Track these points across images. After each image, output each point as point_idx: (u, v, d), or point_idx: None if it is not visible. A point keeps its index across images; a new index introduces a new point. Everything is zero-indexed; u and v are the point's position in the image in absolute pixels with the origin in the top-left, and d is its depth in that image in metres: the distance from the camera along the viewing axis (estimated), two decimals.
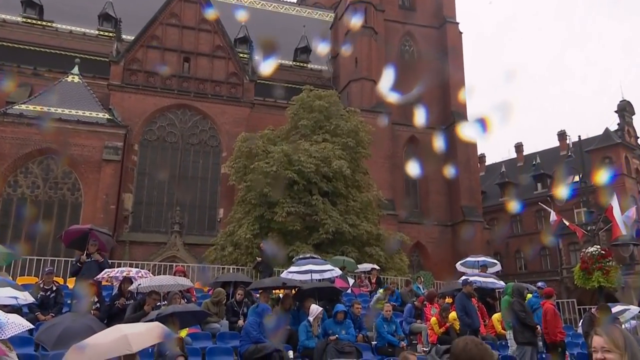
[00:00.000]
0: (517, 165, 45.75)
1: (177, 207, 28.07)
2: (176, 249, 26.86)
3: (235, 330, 9.46)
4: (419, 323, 11.39)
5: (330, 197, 20.08)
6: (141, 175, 28.93)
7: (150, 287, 8.42)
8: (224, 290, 10.12)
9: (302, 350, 8.76)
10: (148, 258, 25.66)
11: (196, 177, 29.65)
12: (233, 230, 20.40)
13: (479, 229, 33.69)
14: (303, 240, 18.84)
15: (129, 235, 27.22)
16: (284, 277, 11.19)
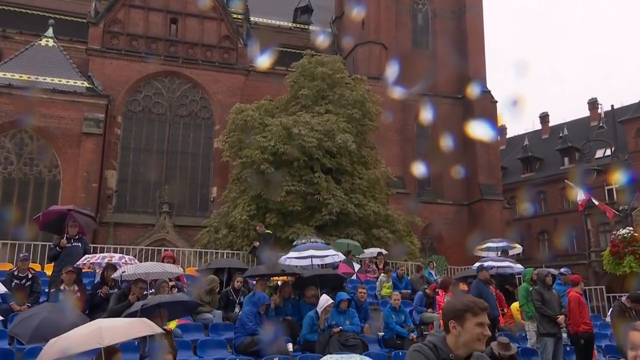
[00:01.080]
0: (541, 137, 45.50)
1: (166, 185, 28.16)
2: (165, 231, 27.06)
3: (229, 321, 9.54)
4: (431, 312, 11.46)
5: (334, 175, 20.02)
6: (125, 150, 28.94)
7: (136, 275, 8.46)
8: (217, 278, 10.17)
9: (302, 343, 8.83)
10: (135, 241, 25.92)
11: (186, 152, 29.65)
12: (227, 211, 20.45)
13: (498, 209, 33.72)
14: (304, 222, 18.89)
15: (114, 216, 27.38)
16: (282, 264, 11.24)
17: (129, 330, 4.51)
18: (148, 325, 4.69)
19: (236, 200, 20.17)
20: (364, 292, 10.06)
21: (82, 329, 4.55)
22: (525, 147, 43.50)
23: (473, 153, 33.69)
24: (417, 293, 12.25)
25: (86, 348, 4.23)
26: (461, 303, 2.61)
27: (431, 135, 34.61)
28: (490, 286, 10.81)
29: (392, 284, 13.24)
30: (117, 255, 9.89)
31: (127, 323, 4.65)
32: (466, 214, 33.73)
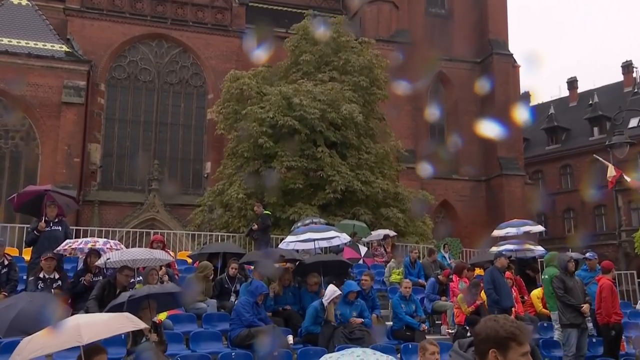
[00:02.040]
0: (569, 105, 45.14)
1: (155, 160, 28.21)
2: (155, 210, 27.23)
3: (224, 311, 9.62)
4: (444, 300, 11.55)
5: (339, 149, 19.97)
6: (110, 121, 28.92)
7: (122, 262, 8.49)
8: (211, 264, 10.22)
9: (304, 335, 8.91)
10: (122, 221, 26.13)
11: (177, 123, 29.63)
12: (222, 189, 20.50)
13: (519, 185, 33.67)
14: (306, 201, 18.93)
15: (98, 194, 27.52)
16: (282, 249, 11.27)
17: (110, 327, 4.53)
18: (131, 321, 4.70)
19: (232, 177, 20.19)
20: (368, 280, 10.09)
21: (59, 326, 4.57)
22: (550, 116, 43.20)
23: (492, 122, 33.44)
24: (429, 279, 12.34)
25: (64, 347, 4.25)
26: (505, 330, 2.49)
27: (446, 104, 34.34)
28: (507, 272, 10.80)
29: (404, 270, 13.29)
30: (101, 240, 9.93)
31: (108, 319, 4.67)
32: (484, 190, 33.70)
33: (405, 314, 9.72)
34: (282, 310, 9.64)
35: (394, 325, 9.90)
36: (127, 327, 4.85)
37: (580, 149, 39.96)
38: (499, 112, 33.06)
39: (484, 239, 22.69)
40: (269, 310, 9.48)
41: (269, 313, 9.45)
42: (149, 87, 29.55)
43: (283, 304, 9.77)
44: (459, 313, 10.75)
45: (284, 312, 9.61)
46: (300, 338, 8.94)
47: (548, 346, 9.85)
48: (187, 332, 8.67)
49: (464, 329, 10.43)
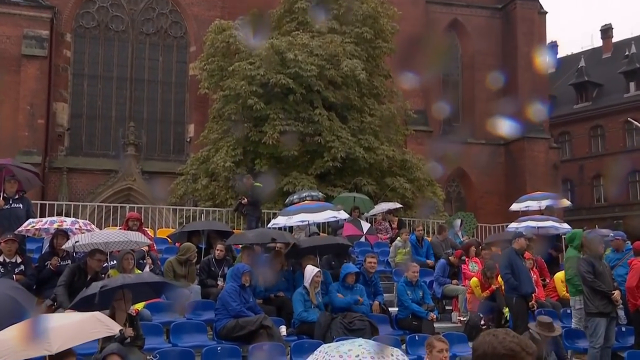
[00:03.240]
0: (602, 57, 44.74)
1: (131, 122, 28.08)
2: (132, 178, 27.26)
3: (210, 298, 9.70)
4: (455, 284, 11.66)
5: (339, 111, 19.85)
6: (78, 77, 28.67)
7: (92, 245, 8.52)
8: (194, 246, 10.27)
9: (298, 325, 9.02)
10: (94, 191, 26.20)
11: (155, 80, 29.40)
12: (208, 156, 20.48)
13: (543, 149, 33.66)
14: (302, 170, 18.95)
15: (66, 160, 27.47)
16: (274, 230, 11.28)
17: (82, 332, 4.55)
18: (104, 324, 4.73)
19: (218, 143, 20.15)
20: (374, 263, 10.17)
21: (21, 329, 4.57)
22: (580, 70, 42.86)
23: (514, 79, 33.23)
24: (438, 260, 12.42)
25: (29, 356, 4.28)
26: (504, 346, 2.51)
27: (462, 58, 34.01)
28: (528, 253, 10.85)
29: (411, 249, 13.37)
30: (68, 220, 9.92)
31: (79, 322, 4.68)
32: (503, 155, 33.67)
33: (411, 302, 9.81)
34: (275, 298, 9.73)
35: (398, 313, 10.03)
36: (100, 332, 4.90)
37: (613, 107, 39.77)
38: (521, 65, 32.76)
39: (502, 212, 22.84)
40: (259, 297, 9.58)
41: (260, 300, 9.55)
42: (121, 37, 29.18)
43: (275, 291, 9.86)
44: (472, 298, 10.88)
45: (276, 300, 9.70)
46: (294, 329, 9.06)
47: (571, 336, 9.96)
48: (167, 322, 8.75)
49: (477, 316, 10.57)
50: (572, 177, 41.38)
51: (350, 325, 8.80)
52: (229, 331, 8.39)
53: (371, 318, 9.28)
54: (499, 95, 33.42)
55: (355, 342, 6.20)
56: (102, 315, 5.02)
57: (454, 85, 34.27)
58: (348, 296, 9.27)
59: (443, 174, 23.51)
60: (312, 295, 9.11)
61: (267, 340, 8.16)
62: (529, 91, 33.34)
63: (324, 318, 8.87)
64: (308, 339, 8.72)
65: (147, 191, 26.75)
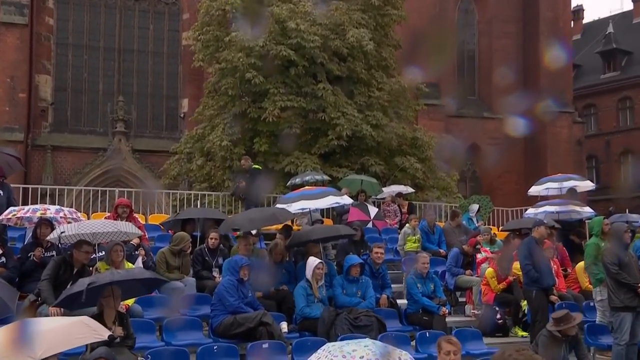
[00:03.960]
0: (632, 22, 44.27)
1: (120, 96, 28.01)
2: (122, 157, 27.30)
3: (205, 292, 9.74)
4: (469, 275, 11.69)
5: (344, 85, 19.70)
6: (62, 47, 28.58)
7: (79, 236, 8.53)
8: (188, 235, 10.28)
9: (300, 321, 9.07)
10: (81, 171, 26.26)
11: (145, 50, 29.31)
12: (203, 134, 20.48)
13: (566, 123, 33.48)
14: (305, 149, 18.90)
15: (51, 137, 27.50)
16: (269, 209, 11.30)
17: (68, 338, 4.60)
18: (92, 329, 4.78)
19: (214, 120, 20.12)
20: (381, 254, 10.18)
21: (4, 334, 4.63)
22: (608, 37, 42.41)
23: (534, 47, 32.95)
24: (451, 249, 12.43)
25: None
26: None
27: (478, 25, 33.69)
28: (546, 241, 10.82)
29: (421, 236, 13.37)
30: (52, 208, 9.95)
31: (65, 326, 4.73)
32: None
33: (421, 296, 9.82)
34: (275, 291, 9.75)
35: (408, 307, 10.05)
36: (87, 338, 4.94)
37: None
38: (543, 32, 32.45)
39: (521, 193, 22.78)
40: (258, 291, 9.59)
41: (259, 294, 9.57)
42: (108, 3, 29.01)
43: (277, 284, 9.86)
44: (487, 290, 10.92)
45: (277, 293, 9.73)
46: (296, 325, 9.11)
47: (594, 332, 9.98)
48: (160, 319, 8.79)
49: (492, 309, 10.62)
50: (598, 154, 41.21)
51: (356, 321, 8.84)
52: (226, 328, 8.43)
53: (378, 313, 9.31)
54: (519, 65, 33.22)
55: (361, 342, 6.24)
56: (90, 319, 5.06)
57: (469, 54, 33.99)
58: (353, 290, 9.28)
59: (457, 153, 23.36)
60: (315, 289, 9.14)
61: (266, 338, 8.22)
62: (550, 60, 33.04)
63: (327, 314, 8.88)
64: (311, 336, 8.79)
65: (138, 170, 26.82)
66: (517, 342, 10.30)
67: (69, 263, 8.49)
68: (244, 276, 8.72)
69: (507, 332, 10.62)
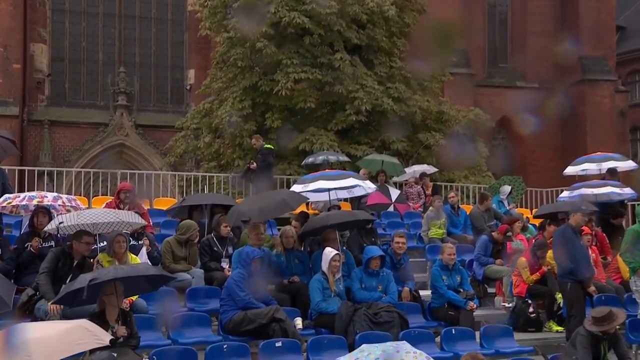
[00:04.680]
0: None
1: (121, 66, 28.06)
2: (124, 133, 27.50)
3: (214, 284, 9.80)
4: (499, 264, 11.65)
5: (364, 55, 19.67)
6: (58, 14, 28.62)
7: (78, 227, 8.59)
8: (195, 223, 10.33)
9: (315, 317, 9.12)
10: (81, 148, 26.44)
11: (148, 17, 29.31)
12: (211, 108, 20.57)
13: (608, 92, 33.07)
14: (321, 125, 18.91)
15: (48, 112, 27.67)
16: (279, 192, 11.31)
17: (67, 344, 4.65)
18: (92, 334, 4.83)
19: (222, 93, 20.17)
20: (402, 243, 10.17)
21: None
22: None
23: (573, 8, 32.46)
24: (479, 236, 12.40)
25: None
26: None
27: None
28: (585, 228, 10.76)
29: (446, 221, 13.34)
30: (50, 195, 9.95)
31: (63, 332, 4.78)
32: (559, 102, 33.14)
33: (447, 289, 9.82)
34: (289, 283, 9.79)
35: (432, 301, 10.06)
36: (88, 344, 5.00)
37: None
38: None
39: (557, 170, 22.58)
40: (279, 272, 9.70)
41: (271, 287, 9.60)
42: None
43: (288, 275, 9.91)
44: (519, 282, 10.89)
45: (290, 286, 9.75)
46: (311, 321, 9.15)
47: (636, 327, 9.95)
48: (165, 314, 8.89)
49: (524, 302, 10.60)
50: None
51: (376, 317, 8.85)
52: (236, 325, 8.49)
53: (400, 308, 9.33)
54: (556, 28, 32.75)
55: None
56: (90, 323, 5.11)
57: (501, 17, 33.54)
58: (373, 284, 9.30)
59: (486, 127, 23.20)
60: (331, 282, 9.14)
61: (279, 335, 8.26)
62: (592, 23, 32.61)
63: (345, 309, 8.89)
64: (327, 333, 8.81)
65: (142, 147, 26.96)
66: (552, 338, 10.35)
67: (69, 255, 8.56)
68: (255, 270, 8.77)
69: (541, 326, 10.60)
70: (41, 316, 8.11)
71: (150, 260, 9.75)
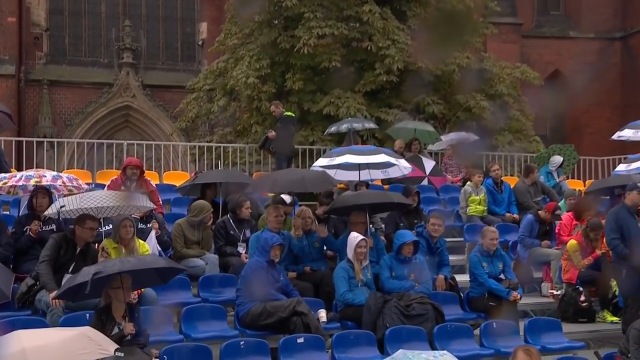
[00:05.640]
0: None
1: (126, 19, 28.03)
2: (130, 94, 27.56)
3: (229, 271, 9.89)
4: (546, 246, 11.60)
5: (395, 6, 19.50)
6: None
7: (81, 211, 8.68)
8: (209, 204, 10.40)
9: (341, 309, 9.17)
10: (83, 110, 26.64)
11: None
12: (225, 68, 20.49)
13: None
14: (347, 86, 18.72)
15: (47, 70, 27.75)
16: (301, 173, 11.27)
17: (69, 355, 4.70)
18: (95, 343, 4.89)
19: (238, 51, 20.06)
20: (439, 226, 10.14)
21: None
22: None
23: None
24: (525, 216, 12.33)
25: None
26: None
27: None
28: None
29: (486, 197, 13.26)
30: (49, 174, 10.02)
31: (63, 340, 4.83)
32: (619, 54, 32.55)
33: (487, 277, 9.80)
34: (311, 271, 9.85)
35: (471, 291, 10.07)
36: (91, 354, 5.05)
37: None
38: None
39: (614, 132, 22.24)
40: (290, 272, 9.73)
41: (292, 274, 9.70)
42: None
43: (309, 260, 9.95)
44: (569, 267, 10.86)
45: (313, 274, 9.81)
46: (337, 313, 9.21)
47: None
48: (176, 304, 8.97)
49: (575, 290, 10.57)
50: None
51: (408, 309, 8.86)
52: (254, 318, 8.56)
53: (435, 299, 9.35)
54: None
55: None
56: (93, 331, 5.17)
57: None
58: (405, 273, 9.32)
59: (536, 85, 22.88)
60: (357, 271, 9.15)
61: (301, 330, 8.34)
62: None
63: (374, 300, 8.93)
64: (354, 327, 8.88)
65: (150, 110, 27.04)
66: (606, 330, 10.33)
67: (71, 241, 8.63)
68: (274, 257, 8.81)
69: (594, 317, 10.60)
70: (42, 308, 8.28)
71: (160, 244, 9.88)
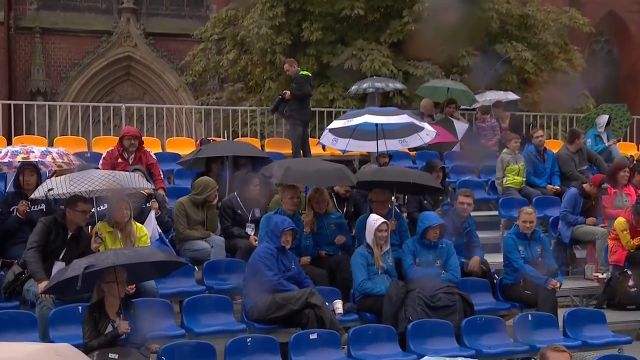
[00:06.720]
0: None
1: None
2: (131, 43, 27.50)
3: (236, 255, 9.91)
4: (592, 224, 11.53)
5: None
6: None
7: (72, 193, 8.69)
8: (214, 181, 10.40)
9: (359, 299, 9.19)
10: (80, 61, 26.68)
11: None
12: (236, 16, 20.40)
13: None
14: (371, 37, 18.71)
15: (39, 17, 27.66)
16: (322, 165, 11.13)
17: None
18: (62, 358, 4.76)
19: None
20: (468, 204, 10.09)
21: None
22: None
23: None
24: (568, 188, 12.24)
25: None
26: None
27: None
28: None
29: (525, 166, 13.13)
30: (37, 150, 9.97)
31: (31, 353, 4.72)
32: None
33: (523, 262, 9.78)
34: (326, 256, 9.86)
35: (505, 277, 10.07)
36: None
37: None
38: None
39: None
40: (304, 255, 9.74)
41: (306, 259, 9.72)
42: None
43: (324, 244, 9.93)
44: (616, 247, 10.79)
45: (328, 260, 9.83)
46: (354, 304, 9.24)
47: None
48: (177, 293, 9.09)
49: (622, 273, 10.52)
50: None
51: (433, 300, 8.85)
52: (262, 311, 8.59)
53: (464, 286, 9.34)
54: None
55: None
56: (67, 347, 5.05)
57: None
58: (430, 259, 9.30)
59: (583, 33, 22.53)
60: (377, 257, 9.13)
61: (314, 324, 8.35)
62: None
63: (395, 290, 8.92)
64: (373, 319, 8.91)
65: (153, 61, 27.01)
66: None
67: (61, 225, 8.65)
68: (285, 243, 8.82)
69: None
70: (31, 299, 8.35)
71: (160, 226, 9.89)
